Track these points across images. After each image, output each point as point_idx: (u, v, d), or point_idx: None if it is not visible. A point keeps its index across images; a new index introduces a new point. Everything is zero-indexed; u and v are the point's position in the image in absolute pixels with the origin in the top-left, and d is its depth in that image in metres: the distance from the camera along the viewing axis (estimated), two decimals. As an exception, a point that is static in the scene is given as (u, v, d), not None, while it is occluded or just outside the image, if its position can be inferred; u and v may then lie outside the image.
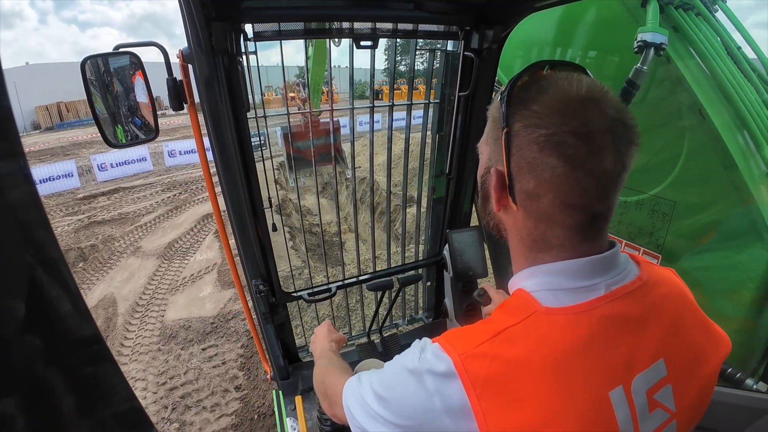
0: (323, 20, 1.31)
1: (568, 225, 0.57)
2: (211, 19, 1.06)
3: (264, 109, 1.68)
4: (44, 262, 0.30)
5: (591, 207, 0.56)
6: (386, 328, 2.36)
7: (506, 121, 0.58)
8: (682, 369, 0.59)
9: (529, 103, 0.56)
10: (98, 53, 1.10)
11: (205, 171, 1.35)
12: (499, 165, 0.61)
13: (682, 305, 0.64)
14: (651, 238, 2.00)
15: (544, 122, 0.54)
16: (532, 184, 0.56)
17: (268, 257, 1.50)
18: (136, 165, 12.28)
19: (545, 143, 0.54)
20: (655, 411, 0.56)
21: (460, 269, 1.74)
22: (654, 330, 0.58)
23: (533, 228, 0.60)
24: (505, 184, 0.60)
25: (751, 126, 1.72)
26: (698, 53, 1.76)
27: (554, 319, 0.55)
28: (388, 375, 0.61)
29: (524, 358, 0.52)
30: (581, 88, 0.55)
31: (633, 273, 0.62)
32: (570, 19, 2.22)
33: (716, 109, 1.71)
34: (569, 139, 0.53)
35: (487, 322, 0.59)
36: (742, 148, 1.70)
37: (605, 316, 0.56)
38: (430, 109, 1.87)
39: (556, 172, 0.54)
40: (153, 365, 3.96)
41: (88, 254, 6.52)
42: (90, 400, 0.35)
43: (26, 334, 0.29)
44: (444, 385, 0.53)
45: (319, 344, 1.18)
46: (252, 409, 3.33)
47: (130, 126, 1.18)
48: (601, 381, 0.53)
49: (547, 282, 0.59)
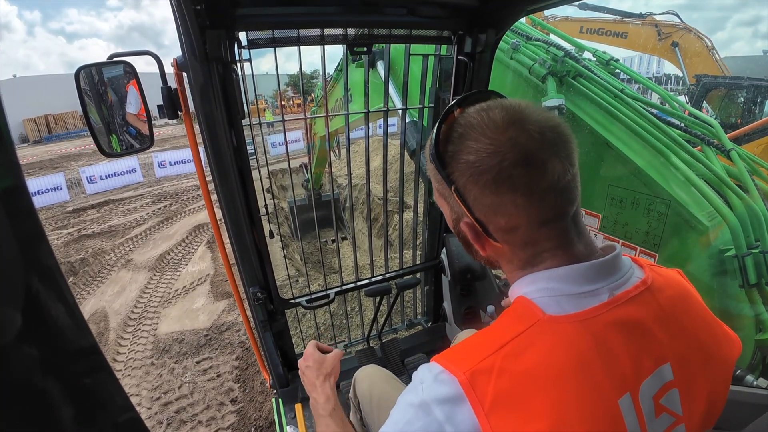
0: (317, 27, 1.31)
1: (552, 237, 0.59)
2: (205, 27, 1.06)
3: (259, 116, 1.67)
4: (40, 273, 0.29)
5: (565, 213, 0.58)
6: (385, 333, 2.34)
7: (449, 180, 0.59)
8: (690, 373, 0.59)
9: (460, 156, 0.57)
10: (92, 63, 1.09)
11: (200, 179, 1.34)
12: (465, 218, 0.62)
13: (689, 307, 0.63)
14: (647, 237, 2.03)
15: (484, 166, 0.55)
16: (504, 222, 0.58)
17: (266, 264, 1.49)
18: (126, 176, 12.15)
19: (494, 185, 0.55)
20: (661, 416, 0.56)
21: (459, 272, 1.74)
22: (660, 334, 0.57)
23: (521, 252, 0.61)
24: (479, 231, 0.61)
25: (652, 143, 2.07)
26: (593, 103, 2.26)
27: (559, 328, 0.54)
28: (395, 419, 0.57)
29: (531, 370, 0.52)
30: (496, 116, 0.56)
31: (636, 276, 0.61)
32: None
33: (619, 138, 2.14)
34: (514, 170, 0.53)
35: (488, 334, 0.58)
36: (651, 162, 2.04)
37: (611, 322, 0.55)
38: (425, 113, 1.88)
39: (519, 203, 0.55)
40: (146, 380, 3.88)
41: (79, 268, 6.40)
42: (88, 410, 0.35)
43: (23, 344, 0.28)
44: (453, 410, 0.52)
45: (311, 387, 1.03)
46: (249, 422, 3.27)
47: (124, 135, 1.17)
48: (610, 389, 0.52)
49: (548, 288, 0.58)
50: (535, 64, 2.33)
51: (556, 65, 2.28)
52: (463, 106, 0.62)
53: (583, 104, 2.28)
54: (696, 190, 1.94)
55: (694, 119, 2.41)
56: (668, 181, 1.97)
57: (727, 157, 2.19)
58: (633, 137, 2.13)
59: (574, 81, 2.32)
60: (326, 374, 1.03)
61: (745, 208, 1.93)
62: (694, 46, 7.99)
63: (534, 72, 2.33)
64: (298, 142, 13.82)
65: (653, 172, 2.00)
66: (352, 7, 1.29)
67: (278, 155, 13.21)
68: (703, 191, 1.93)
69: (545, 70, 2.28)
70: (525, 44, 2.45)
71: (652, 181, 1.98)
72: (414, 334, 2.19)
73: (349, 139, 1.93)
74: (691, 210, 1.88)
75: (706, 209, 1.91)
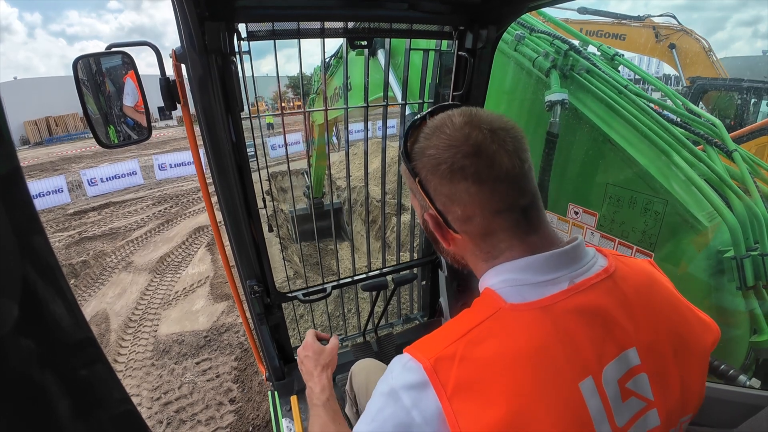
0: (317, 20, 1.31)
1: (507, 227, 0.62)
2: (204, 19, 1.06)
3: (258, 110, 1.67)
4: (37, 265, 0.29)
5: (516, 204, 0.61)
6: (382, 328, 2.33)
7: (414, 173, 0.66)
8: (658, 358, 0.60)
9: (424, 152, 0.64)
10: (90, 53, 1.09)
11: (200, 179, 1.34)
12: (428, 210, 0.67)
13: (656, 294, 0.64)
14: (644, 236, 2.02)
15: (442, 158, 0.61)
16: (460, 211, 0.63)
17: (263, 258, 1.48)
18: (127, 179, 12.19)
19: (450, 174, 0.61)
20: (629, 399, 0.57)
21: (455, 268, 1.74)
22: (623, 321, 0.59)
23: (481, 243, 0.65)
24: (440, 221, 0.66)
25: (654, 140, 2.04)
26: (596, 98, 2.22)
27: (519, 315, 0.57)
28: (370, 409, 0.60)
29: (492, 356, 0.54)
30: (456, 119, 0.63)
31: (599, 265, 0.63)
32: (497, 93, 2.62)
33: (621, 135, 2.10)
34: (465, 161, 0.59)
35: (454, 323, 0.61)
36: (652, 160, 2.02)
37: (570, 309, 0.57)
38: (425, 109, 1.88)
39: (471, 192, 0.60)
40: (147, 380, 3.88)
41: (80, 270, 6.41)
42: (85, 403, 0.35)
43: (20, 336, 0.28)
44: (419, 396, 0.54)
45: (308, 376, 1.04)
46: (247, 421, 3.27)
47: (122, 126, 1.17)
48: (570, 373, 0.54)
49: (510, 279, 0.61)
50: (538, 57, 2.28)
51: (561, 59, 2.24)
52: (433, 115, 0.68)
53: (586, 99, 2.23)
54: (697, 190, 1.92)
55: (697, 118, 2.38)
56: (669, 179, 1.96)
57: (729, 158, 2.17)
58: (635, 134, 2.09)
59: (578, 75, 2.27)
60: (324, 365, 1.05)
61: (746, 210, 1.92)
62: (691, 47, 8.01)
63: (537, 65, 2.30)
64: (298, 144, 13.86)
65: (654, 170, 1.98)
66: (353, 1, 1.29)
67: (278, 157, 13.26)
68: (704, 191, 1.91)
69: (549, 64, 2.24)
70: (529, 36, 2.39)
71: (653, 180, 1.96)
72: (410, 329, 2.18)
73: (347, 130, 1.92)
74: (690, 209, 1.87)
75: (706, 209, 1.89)
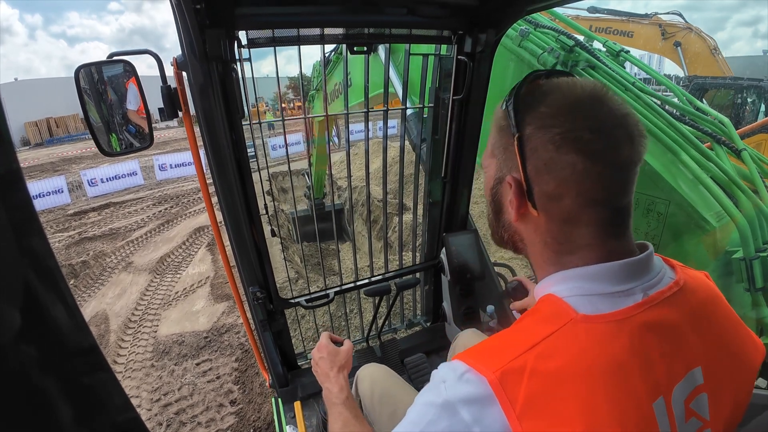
0: (317, 26, 1.31)
1: (593, 222, 0.56)
2: (204, 26, 1.06)
3: (259, 117, 1.67)
4: (39, 271, 0.29)
5: (614, 201, 0.56)
6: (385, 333, 2.34)
7: (517, 126, 0.57)
8: (718, 377, 0.57)
9: (537, 106, 0.56)
10: (92, 62, 1.10)
11: (200, 180, 1.34)
12: (513, 172, 0.60)
13: (718, 311, 0.62)
14: (647, 237, 2.03)
15: (558, 121, 0.54)
16: (553, 185, 0.55)
17: (265, 264, 1.48)
18: (127, 179, 12.18)
19: (561, 141, 0.53)
20: (690, 420, 0.54)
21: (458, 272, 1.74)
22: (692, 337, 0.56)
23: (558, 231, 0.58)
24: (524, 190, 0.58)
25: (662, 138, 1.98)
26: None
27: (593, 328, 0.52)
28: (412, 419, 0.54)
29: (565, 372, 0.49)
30: (585, 88, 0.56)
31: (669, 277, 0.60)
32: (498, 92, 2.54)
33: None
34: (585, 134, 0.52)
35: (515, 333, 0.56)
36: (660, 158, 1.95)
37: (645, 323, 0.53)
38: (425, 113, 1.88)
39: (577, 169, 0.53)
40: (147, 382, 3.87)
41: (80, 271, 6.41)
42: (87, 410, 0.35)
43: (22, 343, 0.28)
44: (482, 412, 0.49)
45: (324, 378, 1.03)
46: (248, 423, 3.27)
47: (124, 134, 1.17)
48: (645, 393, 0.50)
49: (581, 287, 0.56)
50: (543, 53, 2.24)
51: (566, 54, 2.20)
52: (549, 77, 0.61)
53: None
54: (705, 190, 1.88)
55: (704, 116, 2.32)
56: (676, 178, 1.92)
57: (738, 157, 2.11)
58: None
59: (584, 72, 2.23)
60: (340, 366, 1.04)
61: (755, 210, 1.89)
62: (696, 46, 8.02)
63: (542, 61, 2.24)
64: (299, 145, 13.86)
65: (662, 169, 1.93)
66: (352, 7, 1.29)
67: (279, 157, 13.25)
68: (713, 191, 1.87)
69: (554, 60, 2.19)
70: (534, 32, 2.35)
71: (660, 179, 1.91)
72: (413, 333, 2.18)
73: (348, 129, 1.92)
74: (699, 209, 1.83)
75: (714, 209, 1.86)
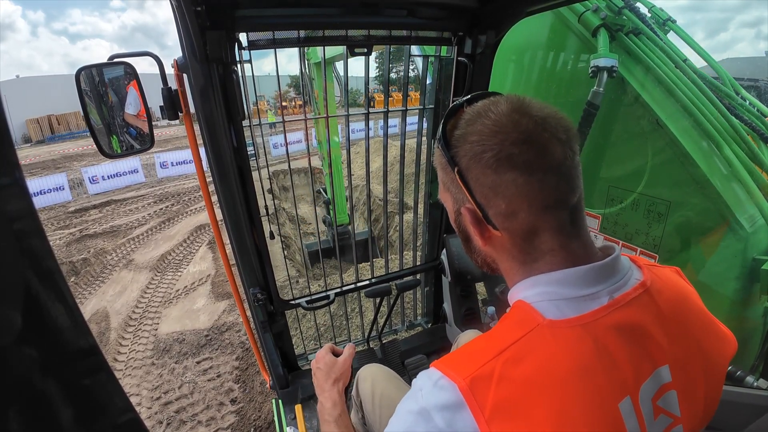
0: (317, 28, 1.31)
1: (552, 227, 0.58)
2: (205, 28, 1.07)
3: (260, 117, 1.67)
4: (40, 273, 0.29)
5: (566, 200, 0.57)
6: (385, 335, 2.34)
7: (453, 161, 0.60)
8: (690, 374, 0.59)
9: (466, 138, 0.59)
10: (93, 64, 1.10)
11: (201, 180, 1.35)
12: (466, 203, 0.62)
13: (687, 309, 0.63)
14: (647, 238, 2.01)
15: (487, 146, 0.56)
16: (504, 205, 0.57)
17: (266, 265, 1.49)
18: (128, 177, 12.17)
19: (496, 163, 0.56)
20: (659, 417, 0.56)
21: (459, 273, 1.74)
22: (659, 337, 0.57)
23: (522, 243, 0.60)
24: (479, 216, 0.60)
25: (707, 129, 1.81)
26: (649, 70, 1.92)
27: (559, 333, 0.54)
28: (393, 428, 0.57)
29: (532, 377, 0.51)
30: (502, 106, 0.58)
31: (635, 278, 0.61)
32: (531, 49, 2.36)
33: (672, 116, 1.83)
34: (515, 149, 0.55)
35: (487, 339, 0.58)
36: (702, 150, 1.80)
37: (610, 326, 0.55)
38: (425, 115, 1.88)
39: (519, 183, 0.55)
40: (147, 380, 3.88)
41: (80, 268, 6.42)
42: (88, 411, 0.35)
43: (23, 345, 0.28)
44: (454, 417, 0.51)
45: (319, 390, 1.03)
46: (248, 422, 3.28)
47: (125, 136, 1.17)
48: (611, 394, 0.52)
49: (548, 292, 0.58)
50: (587, 12, 1.95)
51: (613, 16, 1.92)
52: (470, 103, 0.64)
53: (636, 70, 1.91)
54: (744, 190, 1.73)
55: (750, 108, 2.10)
56: (713, 172, 1.74)
57: None
58: (687, 118, 1.81)
59: (629, 39, 1.96)
60: (335, 378, 1.02)
61: None
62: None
63: (584, 21, 1.98)
64: (300, 143, 13.82)
65: (700, 158, 1.75)
66: (352, 9, 1.30)
67: (280, 155, 13.24)
68: (754, 192, 1.73)
69: (598, 21, 1.92)
70: None
71: (697, 168, 1.74)
72: (414, 335, 2.18)
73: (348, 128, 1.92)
74: (734, 210, 1.69)
75: (749, 212, 1.72)
